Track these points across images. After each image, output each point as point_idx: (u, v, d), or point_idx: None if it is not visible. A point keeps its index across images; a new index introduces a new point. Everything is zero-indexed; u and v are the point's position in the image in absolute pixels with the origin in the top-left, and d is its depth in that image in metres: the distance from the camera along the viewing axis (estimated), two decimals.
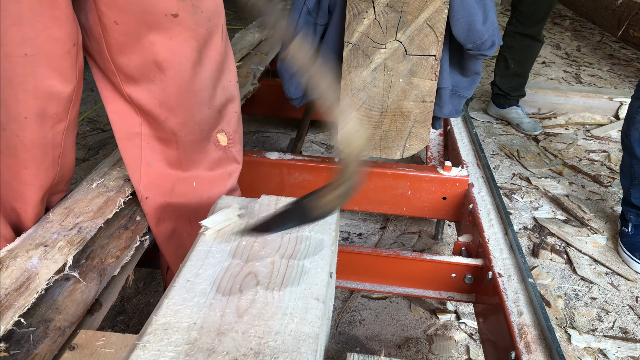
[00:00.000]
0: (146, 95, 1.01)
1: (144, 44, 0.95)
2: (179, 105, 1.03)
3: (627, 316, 1.65)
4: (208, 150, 1.12)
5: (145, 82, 0.99)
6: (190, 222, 1.17)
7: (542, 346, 0.99)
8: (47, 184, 1.01)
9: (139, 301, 1.64)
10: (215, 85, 1.07)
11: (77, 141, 2.62)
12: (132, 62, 0.97)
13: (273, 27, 0.67)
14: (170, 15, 0.94)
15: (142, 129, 1.07)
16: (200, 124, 1.07)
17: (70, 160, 1.07)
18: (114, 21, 0.92)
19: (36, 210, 1.01)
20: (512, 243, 1.29)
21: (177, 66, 0.99)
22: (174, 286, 0.73)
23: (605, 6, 4.14)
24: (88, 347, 0.77)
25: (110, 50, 0.96)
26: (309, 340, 0.65)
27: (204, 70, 1.03)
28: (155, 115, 1.03)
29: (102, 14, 0.92)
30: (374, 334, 1.55)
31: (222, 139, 1.13)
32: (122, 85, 1.01)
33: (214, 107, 1.08)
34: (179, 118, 1.04)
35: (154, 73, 0.98)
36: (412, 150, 1.54)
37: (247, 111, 2.21)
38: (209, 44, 1.02)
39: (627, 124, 1.82)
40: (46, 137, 0.96)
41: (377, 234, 2.00)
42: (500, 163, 2.55)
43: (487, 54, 1.41)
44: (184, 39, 0.97)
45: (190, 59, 1.00)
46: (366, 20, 1.36)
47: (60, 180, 1.06)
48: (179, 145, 1.08)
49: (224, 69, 1.09)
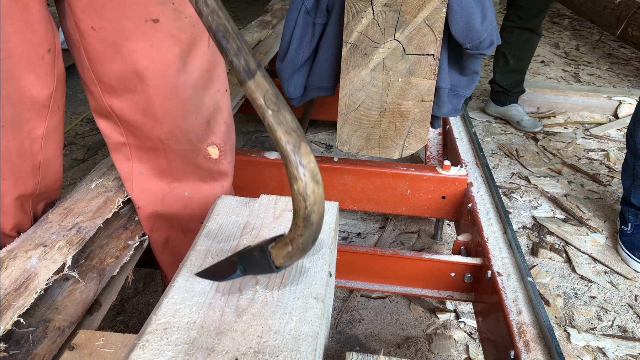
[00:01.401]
0: (129, 105, 0.98)
1: (124, 52, 0.91)
2: (164, 114, 0.99)
3: (626, 315, 1.66)
4: (198, 162, 1.09)
5: (126, 92, 0.96)
6: (183, 232, 1.16)
7: (541, 345, 0.99)
8: (26, 193, 0.98)
9: (138, 301, 1.65)
10: (202, 93, 1.03)
11: (76, 141, 2.62)
12: (111, 71, 0.94)
13: (234, 56, 0.60)
14: (150, 20, 0.90)
15: (126, 138, 1.04)
16: (187, 134, 1.04)
17: (55, 170, 1.04)
18: (91, 27, 0.89)
19: (16, 220, 0.99)
20: (511, 242, 1.29)
21: (159, 74, 0.95)
22: (174, 286, 0.73)
23: (604, 5, 4.14)
24: (87, 347, 0.77)
25: (89, 58, 0.93)
26: (309, 339, 0.65)
27: (189, 78, 0.99)
28: (141, 125, 1.00)
29: (79, 19, 0.89)
30: (374, 334, 1.55)
31: (213, 152, 1.10)
32: (102, 96, 0.98)
33: (201, 116, 1.04)
34: (165, 127, 1.01)
35: (134, 83, 0.95)
36: (411, 149, 1.54)
37: (246, 111, 2.21)
38: (194, 50, 0.98)
39: (633, 125, 1.81)
40: (23, 145, 0.93)
41: (376, 233, 2.00)
42: (499, 162, 2.55)
43: (485, 53, 1.41)
44: (165, 46, 0.93)
45: (173, 67, 0.96)
46: (365, 20, 1.36)
47: (45, 189, 1.03)
48: (167, 153, 1.05)
49: (212, 77, 1.04)
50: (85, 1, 0.87)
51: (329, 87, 1.58)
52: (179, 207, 1.13)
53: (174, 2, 0.93)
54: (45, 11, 0.89)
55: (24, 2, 0.84)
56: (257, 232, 0.85)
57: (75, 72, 3.01)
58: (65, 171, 2.31)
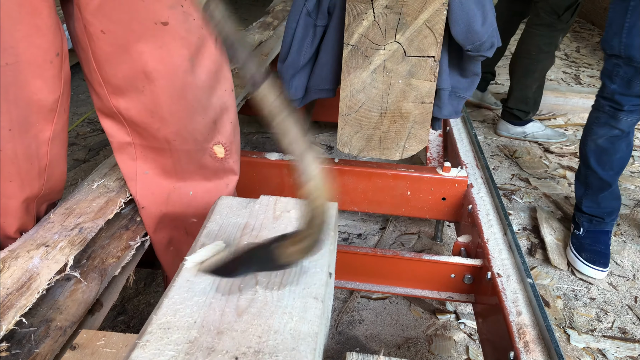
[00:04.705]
0: (136, 106, 0.98)
1: (132, 53, 0.92)
2: (171, 115, 1.00)
3: (626, 316, 1.66)
4: (204, 162, 1.10)
5: (133, 92, 0.97)
6: (186, 232, 1.16)
7: (541, 346, 0.99)
8: (32, 195, 0.99)
9: (139, 301, 1.65)
10: (209, 94, 1.04)
11: (77, 142, 2.63)
12: (119, 72, 0.94)
13: (242, 65, 0.62)
14: (160, 23, 0.91)
15: (132, 138, 1.05)
16: (193, 133, 1.05)
17: (60, 172, 1.05)
18: (101, 30, 0.89)
19: (20, 222, 1.00)
20: (511, 243, 1.30)
21: (167, 75, 0.96)
22: (174, 286, 0.73)
23: (604, 7, 4.15)
24: (89, 347, 0.77)
25: (97, 60, 0.93)
26: (308, 339, 0.65)
27: (197, 80, 1.00)
28: (148, 125, 1.01)
29: (88, 23, 0.89)
30: (374, 334, 1.55)
31: (219, 151, 1.10)
32: (109, 97, 0.98)
33: (208, 117, 1.05)
34: (172, 127, 1.02)
35: (143, 83, 0.95)
36: (411, 151, 1.55)
37: (248, 112, 2.21)
38: (202, 52, 0.99)
39: (584, 134, 1.80)
40: (30, 148, 0.94)
41: (376, 234, 2.01)
42: (499, 164, 2.55)
43: (486, 55, 1.42)
44: (174, 48, 0.94)
45: (181, 68, 0.97)
46: (365, 22, 1.37)
47: (49, 191, 1.04)
48: (173, 153, 1.06)
49: (219, 78, 1.06)
50: (95, 5, 0.88)
51: (330, 89, 1.58)
52: (183, 206, 1.13)
53: (183, 5, 0.93)
54: (55, 15, 0.89)
55: (34, 7, 0.85)
56: (257, 233, 0.86)
57: (75, 72, 3.02)
58: (67, 172, 2.32)
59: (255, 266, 0.73)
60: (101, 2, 0.87)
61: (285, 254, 0.69)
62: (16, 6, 0.83)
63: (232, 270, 0.74)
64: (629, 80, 1.58)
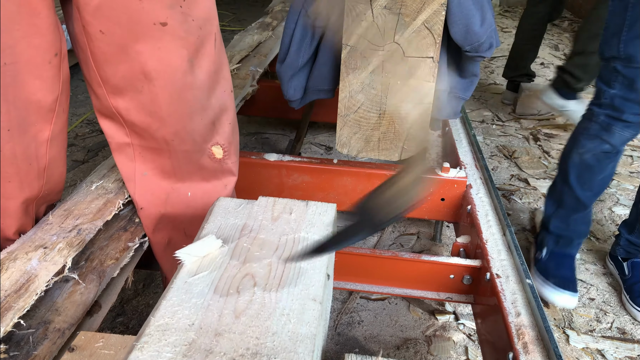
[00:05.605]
0: (135, 106, 0.98)
1: (131, 54, 0.92)
2: (170, 115, 1.00)
3: (625, 317, 1.66)
4: (203, 163, 1.10)
5: (132, 92, 0.97)
6: (185, 233, 1.16)
7: (540, 347, 0.99)
8: (31, 196, 0.99)
9: (138, 303, 1.65)
10: (208, 94, 1.04)
11: (76, 143, 2.63)
12: (118, 72, 0.94)
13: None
14: (158, 24, 0.91)
15: (131, 139, 1.05)
16: (192, 134, 1.05)
17: (59, 173, 1.05)
18: (100, 30, 0.89)
19: (19, 223, 1.00)
20: (510, 244, 1.29)
21: (166, 76, 0.96)
22: (172, 287, 0.73)
23: None
24: (87, 349, 0.77)
25: (95, 60, 0.94)
26: (306, 340, 0.65)
27: (196, 80, 1.00)
28: (146, 126, 1.01)
29: (87, 23, 0.89)
30: (373, 335, 1.55)
31: (217, 151, 1.10)
32: (107, 97, 0.98)
33: (207, 117, 1.05)
34: (170, 127, 1.02)
35: (141, 83, 0.95)
36: (410, 151, 1.55)
37: (246, 112, 2.21)
38: (201, 52, 0.99)
39: (569, 146, 1.62)
40: (29, 148, 0.94)
41: (375, 235, 2.01)
42: (498, 164, 2.55)
43: (485, 56, 1.42)
44: (173, 48, 0.94)
45: (180, 69, 0.97)
46: (364, 23, 1.36)
47: (48, 192, 1.04)
48: (172, 154, 1.06)
49: (218, 79, 1.05)
50: (94, 5, 0.88)
51: (329, 89, 1.58)
52: (182, 207, 1.13)
53: (182, 6, 0.93)
54: (54, 16, 0.89)
55: (32, 7, 0.85)
56: (255, 234, 0.86)
57: (74, 73, 3.02)
58: (66, 172, 2.32)
59: (359, 234, 0.74)
60: (100, 3, 0.87)
61: (404, 184, 0.69)
62: (15, 6, 0.83)
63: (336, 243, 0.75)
64: (631, 82, 1.43)
